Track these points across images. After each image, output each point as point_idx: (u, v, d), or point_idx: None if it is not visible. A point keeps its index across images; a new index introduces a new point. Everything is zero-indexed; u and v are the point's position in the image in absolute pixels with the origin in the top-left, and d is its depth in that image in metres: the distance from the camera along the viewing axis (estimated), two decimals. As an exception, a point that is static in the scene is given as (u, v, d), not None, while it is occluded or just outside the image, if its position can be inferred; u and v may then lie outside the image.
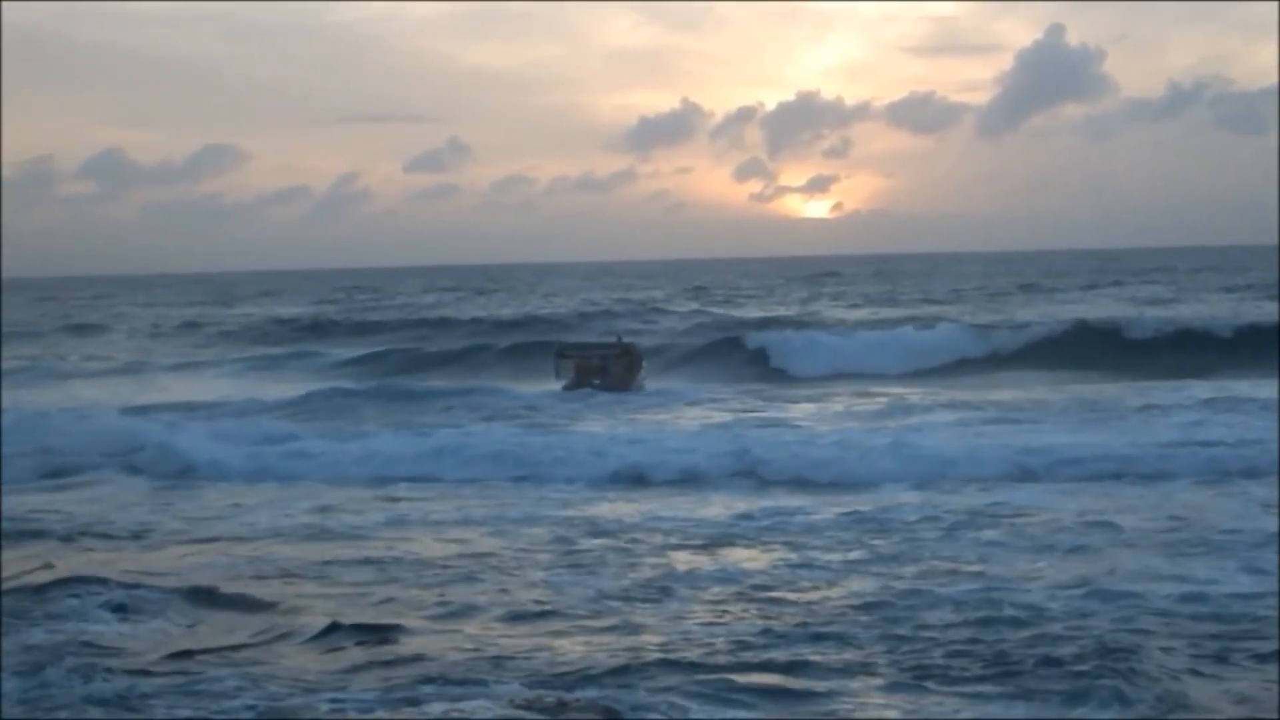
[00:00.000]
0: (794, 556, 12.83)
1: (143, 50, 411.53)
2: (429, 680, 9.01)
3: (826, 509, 15.29)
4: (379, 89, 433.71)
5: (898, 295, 69.51)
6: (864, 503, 15.61)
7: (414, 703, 8.55)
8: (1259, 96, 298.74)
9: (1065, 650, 9.37)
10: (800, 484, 17.24)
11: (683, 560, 12.84)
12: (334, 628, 10.39)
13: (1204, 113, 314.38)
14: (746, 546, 13.51)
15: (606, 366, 30.69)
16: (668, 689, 8.73)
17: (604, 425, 22.76)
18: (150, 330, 58.07)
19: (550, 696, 8.56)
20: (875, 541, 13.48)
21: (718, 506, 15.86)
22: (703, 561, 12.74)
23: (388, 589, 11.88)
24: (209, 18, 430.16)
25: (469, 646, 9.90)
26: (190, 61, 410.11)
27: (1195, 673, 8.96)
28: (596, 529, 14.48)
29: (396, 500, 16.81)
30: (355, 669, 9.40)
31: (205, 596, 11.67)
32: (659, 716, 8.27)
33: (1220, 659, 9.27)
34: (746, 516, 15.02)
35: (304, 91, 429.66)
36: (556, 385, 30.44)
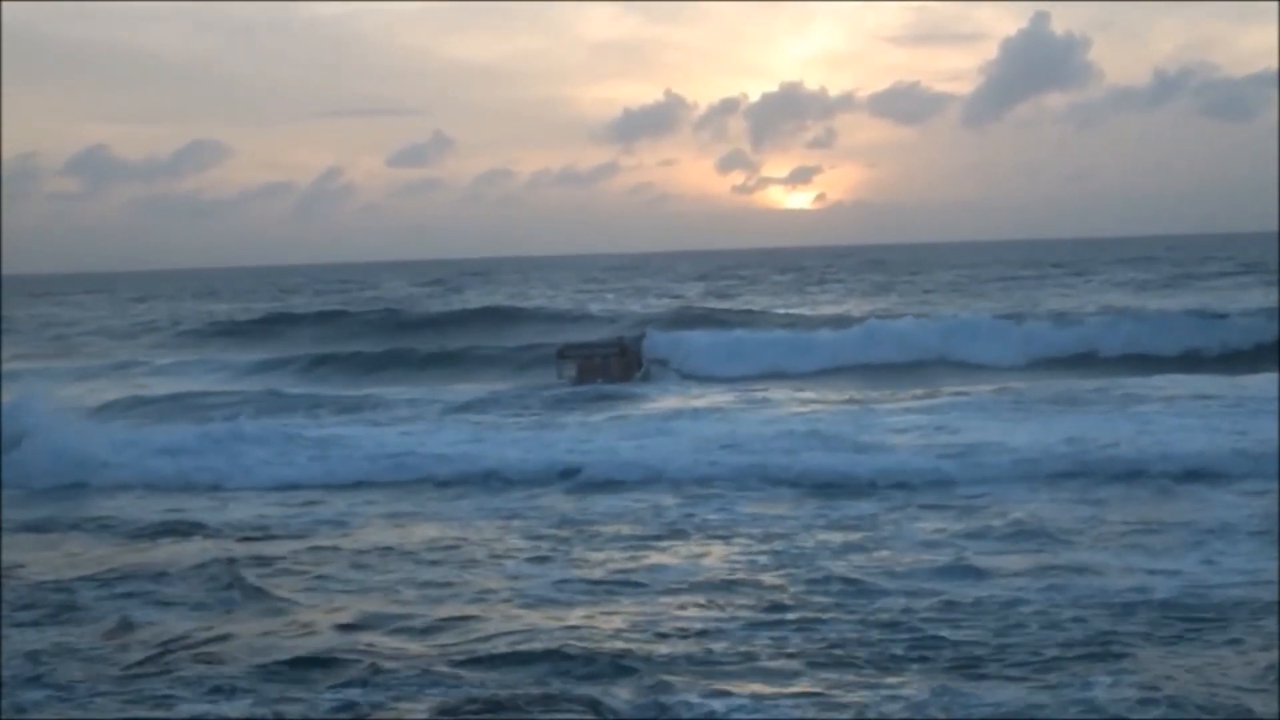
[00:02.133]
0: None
1: (126, 46, 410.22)
2: (402, 675, 9.14)
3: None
4: (362, 84, 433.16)
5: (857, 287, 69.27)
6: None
7: (397, 698, 8.66)
8: (1245, 83, 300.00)
9: (1041, 638, 9.62)
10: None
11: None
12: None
13: (1190, 100, 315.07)
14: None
15: (607, 365, 31.23)
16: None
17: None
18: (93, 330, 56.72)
19: (536, 689, 8.64)
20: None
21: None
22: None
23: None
24: (192, 13, 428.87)
25: (445, 641, 10.02)
26: (174, 57, 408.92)
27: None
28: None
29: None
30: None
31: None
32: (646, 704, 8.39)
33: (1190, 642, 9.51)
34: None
35: (287, 86, 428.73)
36: (559, 384, 30.64)
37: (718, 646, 9.69)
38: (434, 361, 37.18)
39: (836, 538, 13.52)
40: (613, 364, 31.34)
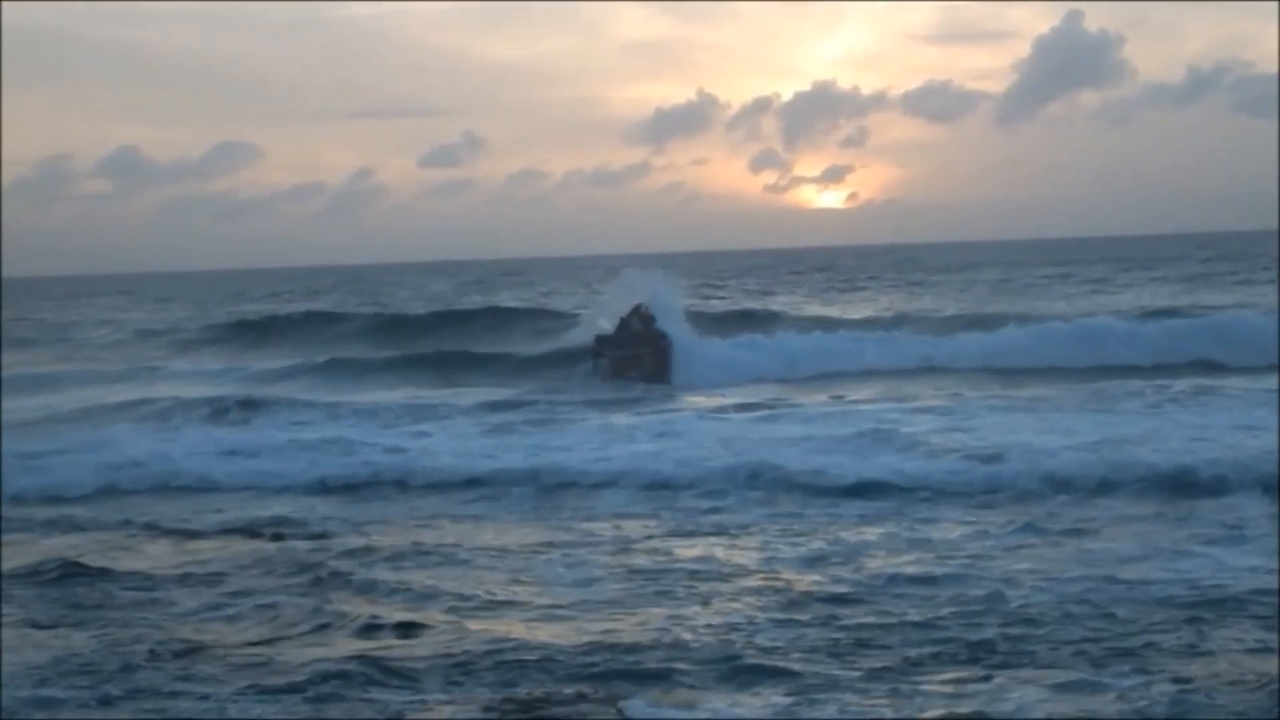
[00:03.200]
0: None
1: (157, 48, 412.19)
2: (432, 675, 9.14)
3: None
4: (393, 84, 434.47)
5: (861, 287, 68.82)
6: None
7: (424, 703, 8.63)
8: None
9: (1068, 632, 9.66)
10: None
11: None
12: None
13: (1224, 96, 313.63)
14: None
15: (641, 359, 30.87)
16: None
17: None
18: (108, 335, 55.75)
19: (569, 690, 8.59)
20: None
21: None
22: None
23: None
24: (222, 15, 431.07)
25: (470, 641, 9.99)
26: (204, 58, 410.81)
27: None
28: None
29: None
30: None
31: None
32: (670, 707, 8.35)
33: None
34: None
35: (318, 87, 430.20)
36: (597, 380, 30.51)
37: (755, 646, 9.65)
38: (475, 362, 36.58)
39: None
40: (647, 358, 30.99)
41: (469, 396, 28.13)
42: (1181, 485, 15.51)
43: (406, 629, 10.33)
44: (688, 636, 9.89)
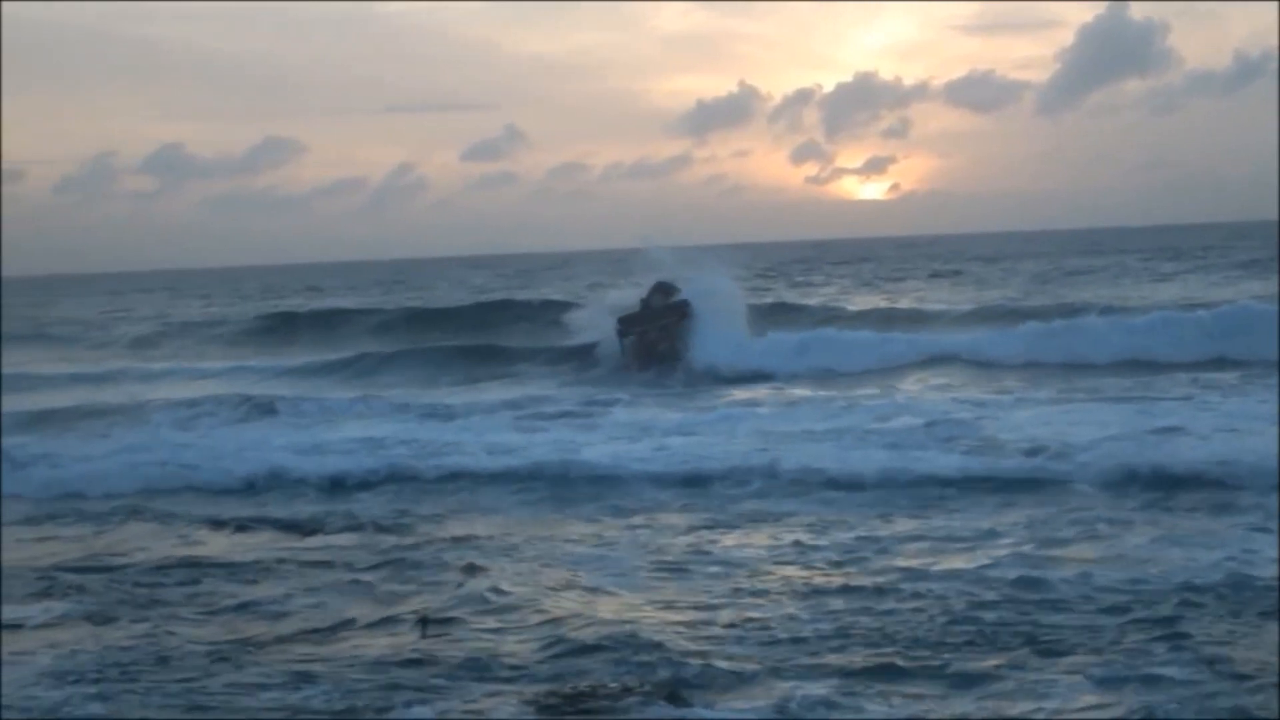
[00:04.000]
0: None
1: (200, 45, 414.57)
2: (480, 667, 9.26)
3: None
4: (434, 78, 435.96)
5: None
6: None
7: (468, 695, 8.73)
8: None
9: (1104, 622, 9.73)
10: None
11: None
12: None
13: (1271, 82, 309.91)
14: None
15: (667, 328, 30.59)
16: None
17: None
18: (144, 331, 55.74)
19: (614, 683, 8.66)
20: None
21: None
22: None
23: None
24: (265, 12, 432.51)
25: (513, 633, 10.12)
26: (247, 55, 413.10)
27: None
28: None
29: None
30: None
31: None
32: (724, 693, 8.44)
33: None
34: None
35: (359, 82, 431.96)
36: (626, 362, 30.39)
37: (798, 637, 9.73)
38: (513, 356, 36.39)
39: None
40: (674, 328, 30.55)
41: (502, 391, 28.36)
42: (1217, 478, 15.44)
43: (450, 623, 10.46)
44: (730, 630, 9.99)
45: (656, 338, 30.66)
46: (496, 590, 11.45)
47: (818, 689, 8.55)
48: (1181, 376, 25.20)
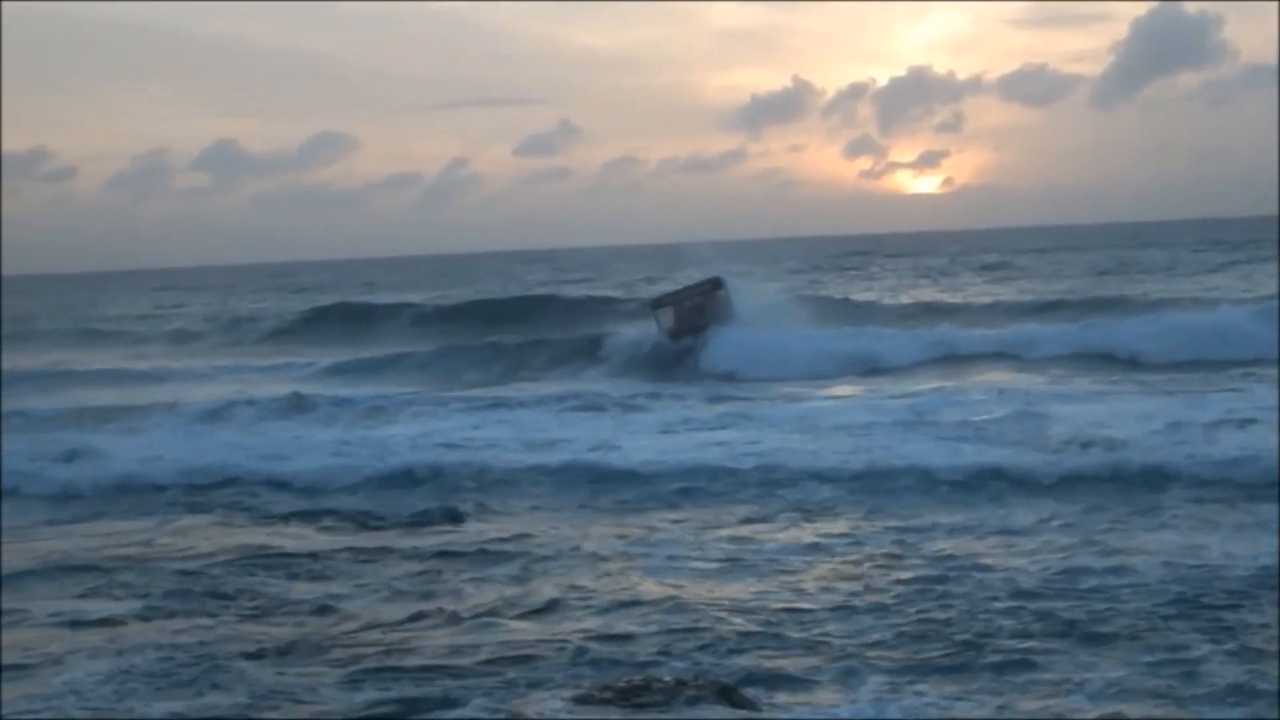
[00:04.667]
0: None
1: (253, 41, 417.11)
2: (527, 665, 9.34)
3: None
4: (487, 73, 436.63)
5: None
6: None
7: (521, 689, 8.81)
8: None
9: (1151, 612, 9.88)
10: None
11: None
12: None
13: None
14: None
15: (704, 306, 30.91)
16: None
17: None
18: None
19: (668, 677, 8.70)
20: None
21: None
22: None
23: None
24: (318, 9, 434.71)
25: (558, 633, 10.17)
26: (299, 51, 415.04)
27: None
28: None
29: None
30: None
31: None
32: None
33: None
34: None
35: (412, 77, 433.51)
36: (661, 337, 30.58)
37: (851, 635, 9.81)
38: (561, 349, 35.95)
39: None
40: (709, 303, 30.91)
41: (542, 388, 28.50)
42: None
43: (492, 617, 10.60)
44: (787, 629, 10.04)
45: (690, 309, 31.10)
46: (550, 584, 11.57)
47: (873, 681, 8.64)
48: (1235, 371, 25.04)
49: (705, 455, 18.00)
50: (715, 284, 31.71)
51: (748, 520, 14.28)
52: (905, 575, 11.44)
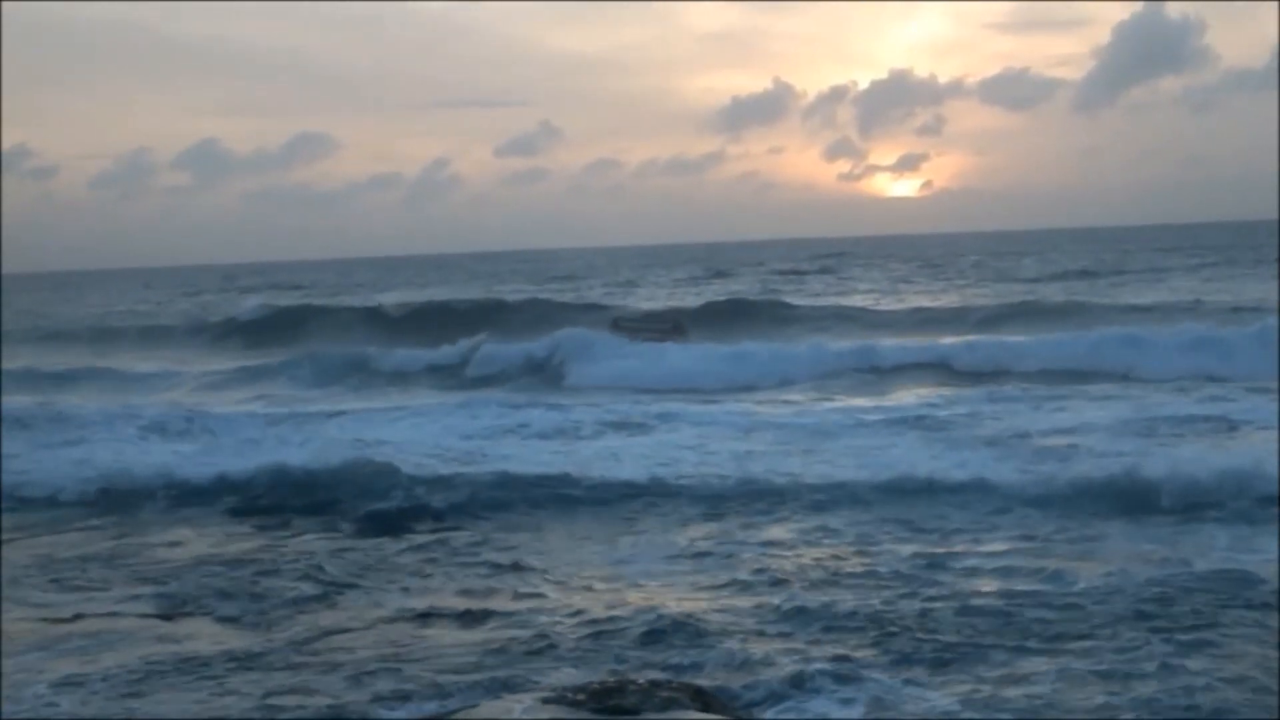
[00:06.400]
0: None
1: (234, 41, 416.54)
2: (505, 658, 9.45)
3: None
4: (469, 75, 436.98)
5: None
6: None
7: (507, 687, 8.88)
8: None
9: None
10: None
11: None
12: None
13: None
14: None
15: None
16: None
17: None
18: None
19: (641, 680, 8.76)
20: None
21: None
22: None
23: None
24: (301, 8, 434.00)
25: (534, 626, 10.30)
26: (281, 51, 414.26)
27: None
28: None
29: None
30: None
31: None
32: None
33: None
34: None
35: (394, 78, 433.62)
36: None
37: (839, 642, 9.88)
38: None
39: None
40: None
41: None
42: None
43: (478, 617, 10.69)
44: (754, 614, 10.25)
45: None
46: (535, 581, 11.74)
47: (838, 672, 8.86)
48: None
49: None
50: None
51: (712, 518, 14.44)
52: (879, 576, 11.56)
